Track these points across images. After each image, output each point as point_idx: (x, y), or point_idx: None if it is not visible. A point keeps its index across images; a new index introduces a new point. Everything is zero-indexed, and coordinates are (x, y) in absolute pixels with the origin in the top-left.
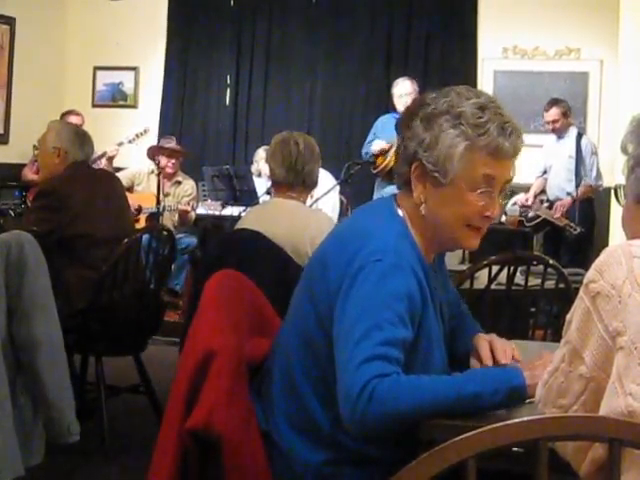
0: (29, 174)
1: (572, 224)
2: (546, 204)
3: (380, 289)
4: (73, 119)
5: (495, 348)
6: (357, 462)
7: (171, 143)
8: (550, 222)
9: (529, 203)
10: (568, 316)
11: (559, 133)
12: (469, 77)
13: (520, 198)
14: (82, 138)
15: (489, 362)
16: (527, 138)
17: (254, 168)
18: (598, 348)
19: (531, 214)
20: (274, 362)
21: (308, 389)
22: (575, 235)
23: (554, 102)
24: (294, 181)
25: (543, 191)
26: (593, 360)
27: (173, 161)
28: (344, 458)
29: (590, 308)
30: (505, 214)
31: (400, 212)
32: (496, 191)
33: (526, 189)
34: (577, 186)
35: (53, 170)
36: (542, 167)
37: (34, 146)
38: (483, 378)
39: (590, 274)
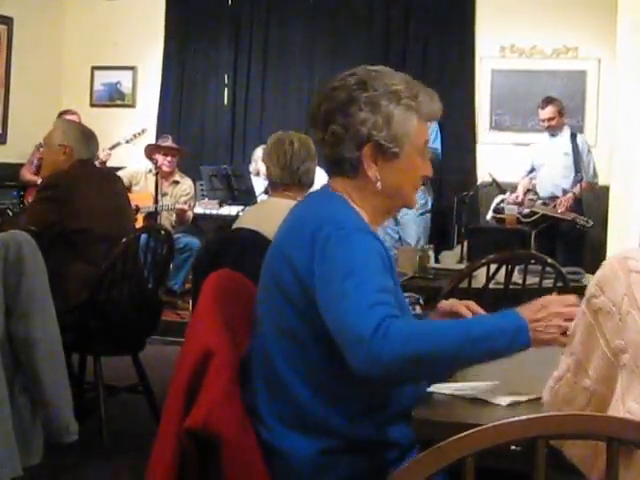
0: (27, 174)
1: (581, 217)
2: (540, 201)
3: (354, 249)
4: (69, 118)
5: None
6: (353, 449)
7: (167, 142)
8: (548, 219)
9: (519, 200)
10: (571, 327)
11: (554, 131)
12: (467, 76)
13: (510, 196)
14: (88, 136)
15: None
16: (524, 137)
17: (252, 167)
18: (601, 364)
19: (526, 211)
20: (252, 362)
21: (294, 377)
22: (587, 228)
23: (549, 100)
24: (290, 180)
25: (529, 190)
26: (596, 375)
27: (169, 159)
28: (339, 445)
29: (593, 323)
30: (499, 212)
31: (337, 193)
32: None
33: (511, 189)
34: (579, 182)
35: (57, 167)
36: (529, 166)
37: (36, 145)
38: (488, 320)
39: (591, 289)
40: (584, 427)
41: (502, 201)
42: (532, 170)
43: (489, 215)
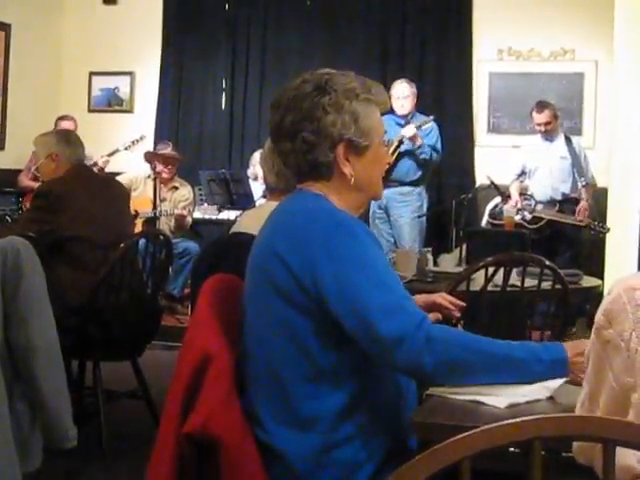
0: (25, 180)
1: (597, 223)
2: (541, 206)
3: (363, 244)
4: (65, 124)
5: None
6: (350, 444)
7: (167, 149)
8: (555, 223)
9: (519, 206)
10: (586, 351)
11: (550, 135)
12: (464, 78)
13: (509, 202)
14: (67, 138)
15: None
16: (522, 139)
17: (250, 172)
18: (610, 396)
19: (528, 216)
20: (245, 364)
21: (290, 374)
22: (604, 234)
23: (545, 105)
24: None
25: (522, 193)
26: (607, 408)
27: (170, 167)
28: (337, 441)
29: (602, 354)
30: (494, 216)
31: (319, 193)
32: None
33: (506, 195)
34: (584, 187)
35: (53, 175)
36: (519, 169)
37: (33, 152)
38: (528, 347)
39: (599, 319)
40: (580, 429)
41: (496, 206)
42: (522, 173)
43: (484, 221)
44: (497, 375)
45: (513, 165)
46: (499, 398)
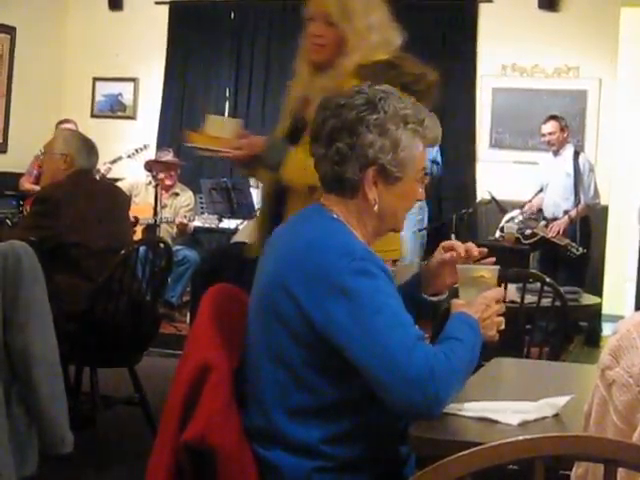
0: (26, 183)
1: (573, 244)
2: (543, 222)
3: (374, 281)
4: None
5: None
6: (346, 468)
7: (168, 156)
8: (549, 241)
9: (535, 216)
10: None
11: (555, 148)
12: (468, 94)
13: (516, 214)
14: (89, 147)
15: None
16: (524, 155)
17: (252, 180)
18: (615, 435)
19: (528, 232)
20: (243, 380)
21: (275, 403)
22: (576, 255)
23: (552, 117)
24: None
25: (539, 209)
26: None
27: (172, 173)
28: (333, 465)
29: (606, 398)
30: (501, 229)
31: (335, 215)
32: None
33: (520, 206)
34: (576, 206)
35: (56, 176)
36: (538, 185)
37: (35, 156)
38: (466, 328)
39: (605, 360)
40: (582, 448)
41: (509, 220)
42: (541, 189)
43: (497, 234)
44: (472, 365)
45: (527, 181)
46: (510, 415)
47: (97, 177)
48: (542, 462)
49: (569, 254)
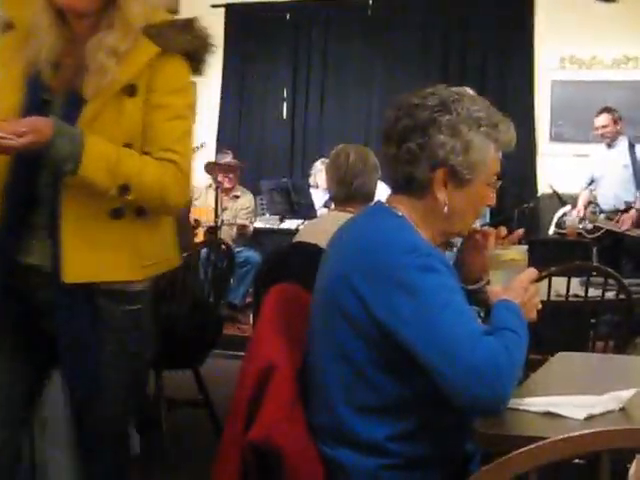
0: None
1: None
2: (602, 215)
3: (440, 276)
4: None
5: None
6: (413, 466)
7: (227, 158)
8: (613, 233)
9: (581, 214)
10: None
11: (608, 140)
12: (527, 87)
13: (572, 211)
14: None
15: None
16: (584, 148)
17: (312, 180)
18: None
19: (589, 226)
20: (307, 379)
21: (342, 400)
22: None
23: (605, 109)
24: (345, 195)
25: (591, 202)
26: None
27: (231, 176)
28: (399, 462)
29: None
30: (557, 225)
31: (399, 213)
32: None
33: (572, 201)
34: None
35: None
36: (589, 178)
37: None
38: (511, 316)
39: None
40: None
41: (564, 215)
42: (592, 182)
43: (551, 230)
44: (524, 349)
45: (583, 174)
46: (576, 410)
47: None
48: (608, 455)
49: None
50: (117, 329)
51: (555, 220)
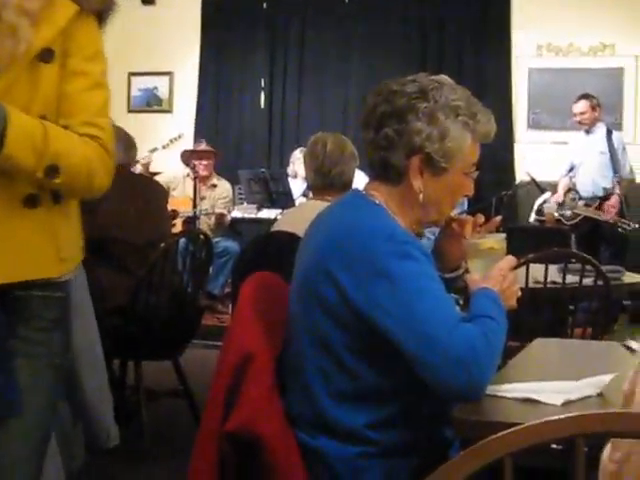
0: None
1: (624, 221)
2: (581, 202)
3: (417, 263)
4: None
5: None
6: (390, 453)
7: (201, 146)
8: (591, 220)
9: (561, 201)
10: (625, 386)
11: (586, 127)
12: (504, 75)
13: (549, 197)
14: (127, 142)
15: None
16: (561, 135)
17: (290, 169)
18: None
19: (568, 213)
20: (285, 367)
21: (323, 389)
22: (626, 232)
23: (583, 96)
24: (322, 184)
25: (570, 189)
26: None
27: (205, 162)
28: (376, 451)
29: None
30: (537, 212)
31: (377, 201)
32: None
33: (552, 188)
34: (617, 182)
35: None
36: (569, 165)
37: None
38: (489, 304)
39: None
40: (623, 425)
41: (544, 202)
42: (572, 169)
43: (532, 217)
44: (504, 341)
45: (561, 161)
46: (554, 395)
47: (138, 168)
48: (583, 440)
49: (621, 230)
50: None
51: (535, 207)
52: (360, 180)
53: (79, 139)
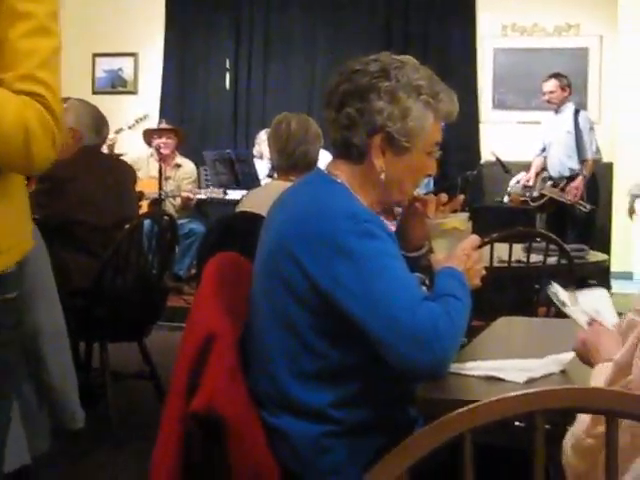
0: None
1: (582, 202)
2: (549, 182)
3: (379, 242)
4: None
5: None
6: (354, 433)
7: (162, 124)
8: (557, 201)
9: (531, 183)
10: (617, 357)
11: (555, 106)
12: (469, 55)
13: (522, 177)
14: (100, 122)
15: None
16: (527, 115)
17: (256, 150)
18: None
19: (535, 193)
20: (249, 346)
21: (285, 368)
22: (586, 213)
23: (554, 75)
24: (286, 164)
25: (544, 169)
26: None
27: (165, 140)
28: (340, 430)
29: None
30: (508, 194)
31: (339, 180)
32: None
33: (527, 167)
34: (582, 162)
35: (63, 150)
36: (541, 145)
37: None
38: (452, 284)
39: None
40: (581, 400)
41: (518, 182)
42: (544, 149)
43: (506, 198)
44: (467, 320)
45: (526, 141)
46: (517, 373)
47: (104, 148)
48: (542, 416)
49: (579, 212)
50: None
51: (509, 189)
52: (325, 160)
53: (14, 97)
